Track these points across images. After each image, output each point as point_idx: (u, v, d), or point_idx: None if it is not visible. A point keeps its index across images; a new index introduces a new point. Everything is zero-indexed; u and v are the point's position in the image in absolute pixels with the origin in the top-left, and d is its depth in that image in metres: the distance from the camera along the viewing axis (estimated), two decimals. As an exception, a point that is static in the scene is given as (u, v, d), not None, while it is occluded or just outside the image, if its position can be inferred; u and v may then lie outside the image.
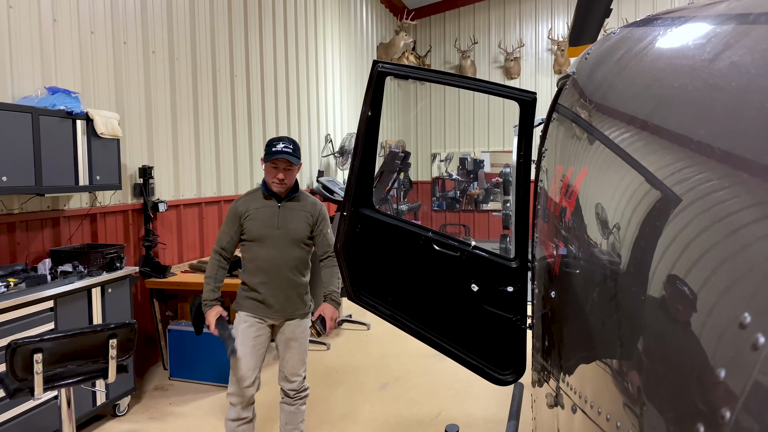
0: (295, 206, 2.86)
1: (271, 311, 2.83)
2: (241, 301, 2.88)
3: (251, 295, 2.84)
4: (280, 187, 2.79)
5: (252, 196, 2.90)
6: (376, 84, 2.29)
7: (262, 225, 2.80)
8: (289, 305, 2.86)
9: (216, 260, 2.88)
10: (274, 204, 2.83)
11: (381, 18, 10.68)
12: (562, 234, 1.30)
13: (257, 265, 2.81)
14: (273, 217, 2.81)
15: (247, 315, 2.85)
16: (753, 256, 0.62)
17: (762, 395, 0.54)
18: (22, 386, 2.37)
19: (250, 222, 2.81)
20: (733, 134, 0.75)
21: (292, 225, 2.82)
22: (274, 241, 2.79)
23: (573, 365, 1.19)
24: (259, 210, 2.82)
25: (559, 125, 1.59)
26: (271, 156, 2.72)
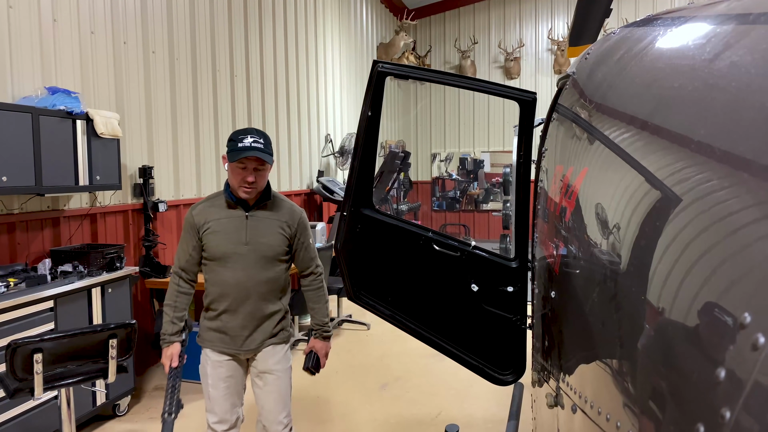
0: (267, 215, 2.34)
1: (240, 344, 2.34)
2: (204, 333, 2.38)
3: (215, 325, 2.35)
4: (249, 193, 2.26)
5: (212, 203, 2.35)
6: (376, 84, 2.29)
7: (226, 240, 2.27)
8: (262, 335, 2.36)
9: (175, 284, 2.37)
10: (241, 214, 2.30)
11: (381, 18, 10.68)
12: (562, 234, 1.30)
13: (221, 291, 2.30)
14: (239, 230, 2.28)
15: (214, 352, 2.36)
16: (753, 256, 0.62)
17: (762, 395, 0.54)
18: (22, 386, 2.37)
19: (210, 236, 2.28)
20: (733, 134, 0.75)
21: (265, 239, 2.30)
22: (242, 260, 2.27)
23: (573, 365, 1.19)
24: (221, 221, 2.29)
25: (559, 125, 1.59)
26: (238, 154, 2.19)
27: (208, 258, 2.33)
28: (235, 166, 2.23)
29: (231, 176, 2.28)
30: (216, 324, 2.35)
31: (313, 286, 2.50)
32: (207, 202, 2.38)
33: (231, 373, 2.38)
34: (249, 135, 2.24)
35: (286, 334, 2.45)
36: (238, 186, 2.25)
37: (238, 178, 2.24)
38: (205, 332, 2.39)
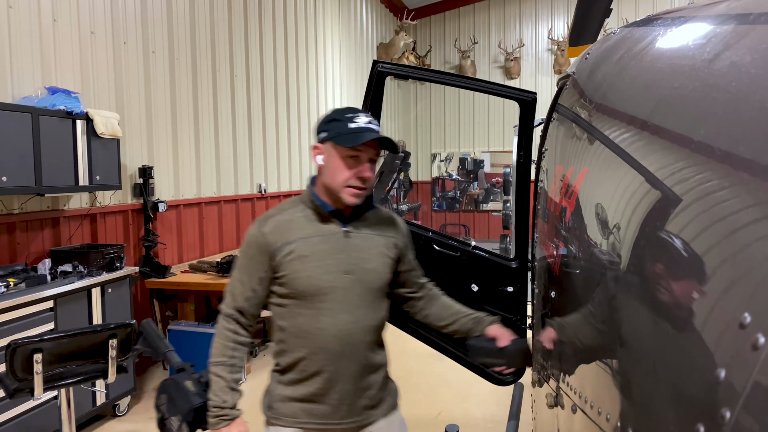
0: (370, 232, 1.64)
1: (341, 416, 1.60)
2: (279, 405, 1.62)
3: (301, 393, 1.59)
4: (358, 197, 1.56)
5: (292, 216, 1.62)
6: (376, 84, 2.29)
7: (321, 269, 1.56)
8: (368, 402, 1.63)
9: (230, 332, 1.62)
10: (336, 229, 1.59)
11: (381, 18, 10.68)
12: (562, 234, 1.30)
13: (314, 344, 1.56)
14: (337, 254, 1.58)
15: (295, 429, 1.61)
16: (753, 256, 0.62)
17: (762, 395, 0.53)
18: (22, 386, 2.36)
19: (296, 264, 1.55)
20: (733, 134, 0.75)
21: (371, 265, 1.61)
22: (343, 298, 1.56)
23: (573, 365, 1.19)
24: (310, 241, 1.57)
25: (559, 125, 1.59)
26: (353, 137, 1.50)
27: (287, 296, 1.58)
28: (346, 155, 1.52)
29: (335, 172, 1.54)
30: (302, 392, 1.59)
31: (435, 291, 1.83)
32: (284, 214, 1.62)
33: None
34: (363, 114, 1.56)
35: (396, 394, 1.78)
36: (344, 186, 1.53)
37: (346, 174, 1.53)
38: (281, 403, 1.62)
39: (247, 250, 1.61)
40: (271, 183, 6.65)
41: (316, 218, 1.60)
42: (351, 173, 1.53)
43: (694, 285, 0.70)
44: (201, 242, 5.36)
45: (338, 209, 1.60)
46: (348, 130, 1.51)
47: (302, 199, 1.65)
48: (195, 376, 1.68)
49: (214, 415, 1.56)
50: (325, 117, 1.60)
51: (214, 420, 1.56)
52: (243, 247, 1.64)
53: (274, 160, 6.73)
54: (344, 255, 1.58)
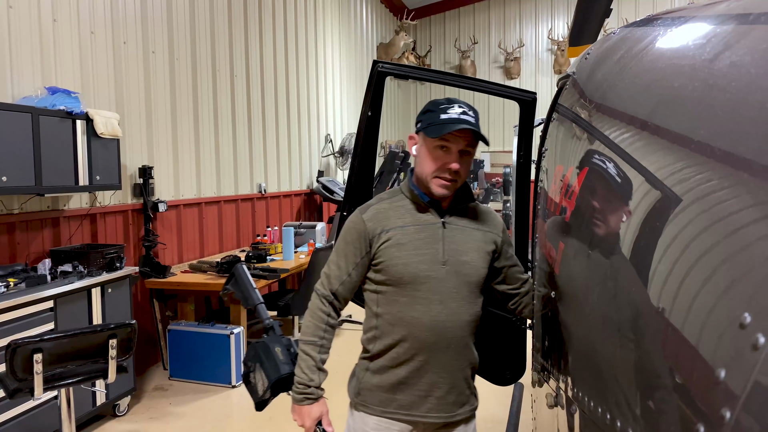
0: (467, 224, 1.65)
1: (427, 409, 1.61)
2: (366, 392, 1.65)
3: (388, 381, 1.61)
4: (448, 188, 1.57)
5: (391, 204, 1.65)
6: (376, 84, 2.29)
7: (417, 257, 1.57)
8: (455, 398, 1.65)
9: (323, 314, 1.64)
10: (435, 220, 1.61)
11: (381, 18, 10.68)
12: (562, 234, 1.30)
13: (406, 332, 1.58)
14: (433, 243, 1.59)
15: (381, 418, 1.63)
16: (753, 256, 0.62)
17: (762, 395, 0.53)
18: (22, 386, 2.37)
19: (392, 251, 1.58)
20: (733, 134, 0.75)
21: (467, 257, 1.61)
22: (439, 288, 1.58)
23: (573, 365, 1.19)
24: (408, 230, 1.59)
25: (559, 125, 1.59)
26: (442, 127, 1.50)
27: (384, 282, 1.60)
28: (434, 146, 1.53)
29: (423, 162, 1.57)
30: (390, 379, 1.61)
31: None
32: (383, 203, 1.66)
33: None
34: (455, 104, 1.54)
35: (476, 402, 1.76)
36: (432, 176, 1.55)
37: (435, 165, 1.54)
38: (369, 391, 1.64)
39: (346, 236, 1.65)
40: (271, 183, 6.65)
41: (414, 208, 1.62)
42: (439, 164, 1.54)
43: (694, 285, 0.70)
44: (201, 242, 5.36)
45: (436, 200, 1.61)
46: (438, 120, 1.51)
47: (401, 188, 1.67)
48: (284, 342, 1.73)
49: (299, 392, 1.60)
50: (423, 107, 1.61)
51: (299, 396, 1.60)
52: (342, 232, 1.67)
53: (274, 160, 6.73)
54: (440, 246, 1.58)
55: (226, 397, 4.10)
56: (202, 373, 4.28)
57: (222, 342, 4.19)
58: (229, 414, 3.86)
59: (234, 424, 3.73)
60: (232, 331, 4.19)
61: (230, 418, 3.81)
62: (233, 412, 3.90)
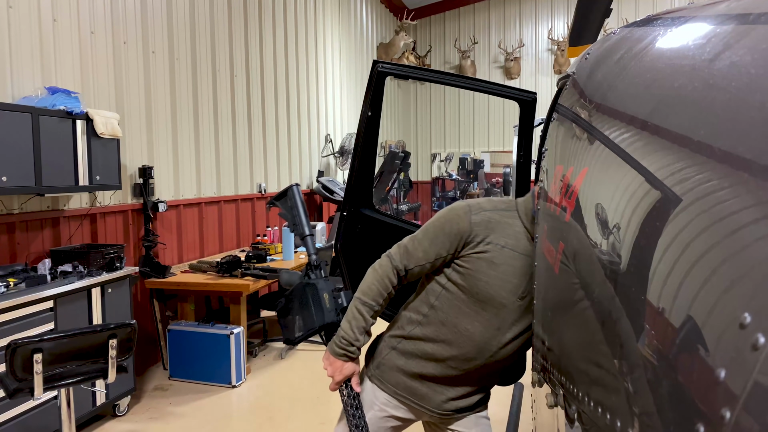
0: None
1: (435, 404, 1.67)
2: (387, 369, 1.68)
3: (414, 370, 1.64)
4: None
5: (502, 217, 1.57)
6: (376, 84, 2.29)
7: (502, 282, 1.53)
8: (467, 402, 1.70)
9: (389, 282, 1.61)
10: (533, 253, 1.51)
11: (381, 18, 10.68)
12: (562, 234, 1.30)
13: (452, 337, 1.58)
14: (524, 276, 1.53)
15: (391, 398, 1.68)
16: (753, 256, 0.62)
17: (762, 395, 0.53)
18: (22, 386, 2.37)
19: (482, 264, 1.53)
20: (733, 134, 0.75)
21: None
22: (504, 318, 1.55)
23: (573, 365, 1.19)
24: (505, 252, 1.53)
25: (559, 125, 1.59)
26: None
27: (459, 286, 1.57)
28: None
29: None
30: (414, 368, 1.63)
31: None
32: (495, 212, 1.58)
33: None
34: None
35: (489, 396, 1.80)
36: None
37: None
38: (389, 369, 1.67)
39: (445, 226, 1.58)
40: (271, 183, 6.65)
41: (522, 233, 1.55)
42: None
43: (694, 285, 0.70)
44: (201, 242, 5.36)
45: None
46: None
47: (519, 205, 1.60)
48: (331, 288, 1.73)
49: (342, 346, 1.61)
50: None
51: (339, 351, 1.61)
52: (443, 220, 1.60)
53: (274, 160, 6.73)
54: (527, 280, 1.53)
55: (226, 397, 4.10)
56: (202, 373, 4.28)
57: (222, 342, 4.20)
58: (229, 414, 3.86)
59: (234, 424, 3.73)
60: (232, 331, 4.19)
61: (230, 418, 3.81)
62: (233, 412, 3.90)
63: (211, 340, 4.23)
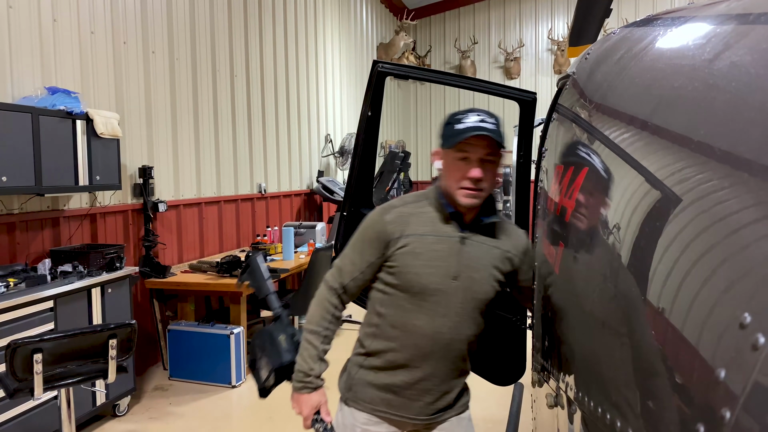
0: (486, 241, 1.61)
1: (416, 412, 1.64)
2: (359, 389, 1.66)
3: (382, 381, 1.62)
4: (474, 198, 1.53)
5: (414, 209, 1.61)
6: (376, 84, 2.29)
7: (431, 269, 1.55)
8: (446, 403, 1.67)
9: (330, 305, 1.65)
10: (454, 233, 1.57)
11: (381, 18, 10.68)
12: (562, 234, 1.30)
13: (406, 339, 1.59)
14: (448, 257, 1.56)
15: (369, 415, 1.65)
16: (753, 256, 0.62)
17: (762, 395, 0.54)
18: (22, 386, 2.37)
19: (407, 258, 1.56)
20: (733, 134, 0.75)
21: (478, 275, 1.59)
22: (446, 303, 1.57)
23: (573, 365, 1.19)
24: (426, 239, 1.56)
25: (559, 125, 1.59)
26: (457, 136, 1.47)
27: (394, 286, 1.59)
28: (454, 157, 1.51)
29: (447, 175, 1.55)
30: (383, 380, 1.62)
31: None
32: (407, 206, 1.62)
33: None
34: (474, 113, 1.50)
35: (469, 397, 1.78)
36: (457, 188, 1.51)
37: (457, 176, 1.51)
38: (360, 387, 1.65)
39: (364, 233, 1.63)
40: (271, 183, 6.65)
41: (437, 217, 1.59)
42: (460, 175, 1.51)
43: (694, 285, 0.70)
44: (201, 242, 5.36)
45: (459, 213, 1.58)
46: (453, 131, 1.49)
47: (427, 195, 1.63)
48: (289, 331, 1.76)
49: (299, 380, 1.61)
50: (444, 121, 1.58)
51: (298, 385, 1.61)
52: (362, 229, 1.65)
53: (274, 160, 6.73)
54: (455, 260, 1.56)
55: (226, 397, 4.10)
56: (202, 373, 4.28)
57: (222, 342, 4.20)
58: (229, 414, 3.86)
59: (234, 424, 3.73)
60: (232, 331, 4.19)
61: (230, 418, 3.81)
62: (233, 412, 3.90)
63: (211, 340, 4.23)
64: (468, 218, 1.59)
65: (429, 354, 1.58)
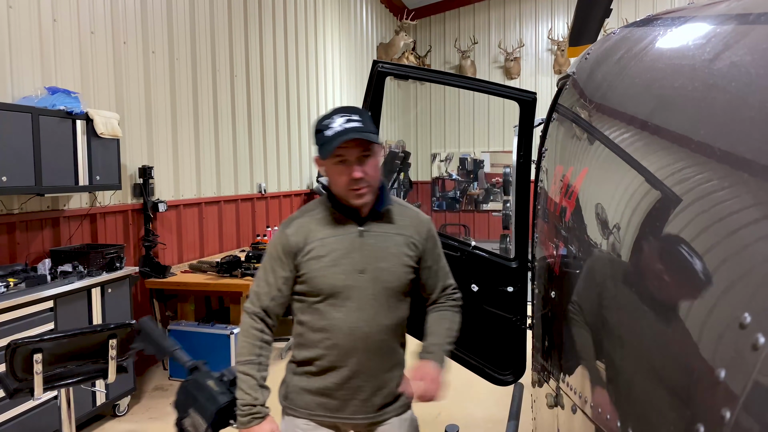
0: (386, 229, 1.64)
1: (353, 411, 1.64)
2: (294, 396, 1.68)
3: (315, 386, 1.64)
4: (364, 195, 1.57)
5: (311, 217, 1.66)
6: (376, 84, 2.29)
7: (336, 268, 1.59)
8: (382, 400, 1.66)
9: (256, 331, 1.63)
10: (352, 229, 1.62)
11: (381, 18, 10.68)
12: (562, 234, 1.30)
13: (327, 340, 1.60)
14: (351, 253, 1.60)
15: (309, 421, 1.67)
16: (753, 256, 0.62)
17: (762, 395, 0.53)
18: (22, 386, 2.36)
19: (313, 264, 1.60)
20: (733, 134, 0.75)
21: (386, 263, 1.62)
22: (358, 296, 1.59)
23: (573, 365, 1.19)
24: (327, 241, 1.61)
25: (559, 125, 1.59)
26: (330, 144, 1.51)
27: (307, 293, 1.61)
28: (332, 163, 1.54)
29: (332, 181, 1.59)
30: (316, 385, 1.63)
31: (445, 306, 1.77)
32: (305, 216, 1.67)
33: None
34: (338, 115, 1.54)
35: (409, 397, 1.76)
36: (348, 190, 1.55)
37: (341, 180, 1.55)
38: (296, 394, 1.67)
39: (272, 252, 1.66)
40: (271, 183, 6.65)
41: (333, 219, 1.63)
42: (344, 178, 1.54)
43: (694, 285, 0.70)
44: (201, 242, 5.36)
45: (353, 209, 1.61)
46: (325, 139, 1.53)
47: (323, 201, 1.68)
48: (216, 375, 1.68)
49: (245, 413, 1.58)
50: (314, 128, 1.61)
51: (245, 419, 1.58)
52: (269, 248, 1.69)
53: (274, 160, 6.73)
54: (359, 254, 1.59)
55: None
56: (202, 373, 4.27)
57: (222, 342, 4.20)
58: (229, 414, 3.86)
59: (234, 424, 3.73)
60: (232, 331, 4.19)
61: (230, 418, 3.81)
62: (233, 412, 3.90)
63: (211, 340, 4.22)
64: (364, 212, 1.62)
65: (351, 350, 1.59)
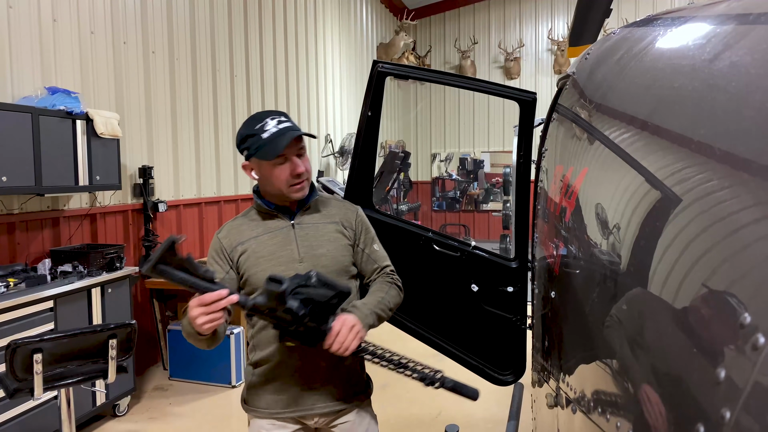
0: (316, 219, 1.72)
1: (308, 405, 1.67)
2: (253, 398, 1.71)
3: (270, 384, 1.67)
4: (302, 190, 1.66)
5: (242, 221, 1.73)
6: (376, 84, 2.30)
7: (273, 262, 1.63)
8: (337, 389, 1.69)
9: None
10: (284, 223, 1.69)
11: (381, 18, 10.68)
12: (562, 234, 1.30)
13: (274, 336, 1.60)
14: (287, 245, 1.66)
15: (271, 420, 1.69)
16: (753, 257, 0.62)
17: (762, 395, 0.54)
18: (22, 386, 2.36)
19: (250, 262, 1.65)
20: (733, 134, 0.75)
21: (323, 249, 1.67)
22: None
23: (573, 365, 1.19)
24: (260, 239, 1.66)
25: (559, 125, 1.59)
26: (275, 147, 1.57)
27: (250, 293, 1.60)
28: (274, 164, 1.60)
29: (271, 181, 1.63)
30: (271, 382, 1.67)
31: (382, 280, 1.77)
32: (237, 219, 1.75)
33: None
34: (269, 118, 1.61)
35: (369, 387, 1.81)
36: (288, 186, 1.62)
37: (284, 177, 1.61)
38: (254, 396, 1.69)
39: (209, 257, 1.71)
40: (271, 183, 6.65)
41: (263, 218, 1.71)
42: (287, 175, 1.61)
43: (694, 285, 0.70)
44: (201, 242, 5.36)
45: (282, 205, 1.70)
46: (264, 141, 1.58)
47: (253, 206, 1.75)
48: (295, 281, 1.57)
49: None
50: (239, 134, 1.66)
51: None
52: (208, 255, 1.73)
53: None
54: (294, 246, 1.66)
55: (226, 397, 4.10)
56: (202, 373, 4.28)
57: (222, 342, 4.19)
58: (229, 414, 3.86)
59: (234, 424, 3.73)
60: (232, 331, 4.19)
61: (230, 418, 3.81)
62: (233, 412, 3.90)
63: (211, 340, 4.22)
64: (293, 206, 1.71)
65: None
